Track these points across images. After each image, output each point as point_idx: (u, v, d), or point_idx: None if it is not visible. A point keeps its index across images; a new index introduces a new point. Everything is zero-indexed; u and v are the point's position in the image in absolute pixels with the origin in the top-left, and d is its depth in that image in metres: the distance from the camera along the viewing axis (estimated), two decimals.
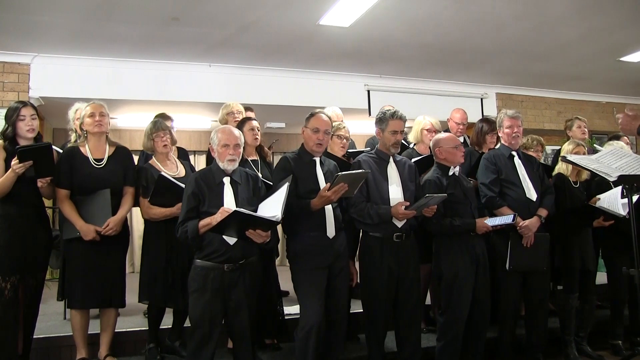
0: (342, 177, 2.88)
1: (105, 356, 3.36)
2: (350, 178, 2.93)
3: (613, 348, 4.04)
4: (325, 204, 3.03)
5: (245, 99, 5.81)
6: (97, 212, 3.26)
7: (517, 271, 3.58)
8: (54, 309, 4.32)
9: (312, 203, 2.99)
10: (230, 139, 2.98)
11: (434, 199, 3.17)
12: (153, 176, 3.41)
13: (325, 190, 2.91)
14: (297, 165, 3.15)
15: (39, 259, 3.28)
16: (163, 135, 3.58)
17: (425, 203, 3.16)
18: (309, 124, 3.20)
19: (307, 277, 3.05)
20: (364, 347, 3.51)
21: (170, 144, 3.63)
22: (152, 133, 3.58)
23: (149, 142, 3.59)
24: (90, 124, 3.35)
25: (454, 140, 3.58)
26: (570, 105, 8.43)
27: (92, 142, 3.39)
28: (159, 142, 3.56)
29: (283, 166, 3.16)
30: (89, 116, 3.35)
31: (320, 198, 2.96)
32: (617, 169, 3.13)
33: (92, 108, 3.37)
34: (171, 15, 4.93)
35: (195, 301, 2.88)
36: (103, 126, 3.37)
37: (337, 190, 2.89)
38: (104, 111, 3.41)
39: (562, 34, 5.74)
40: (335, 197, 2.93)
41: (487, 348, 3.68)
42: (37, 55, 5.80)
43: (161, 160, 3.58)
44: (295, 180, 3.06)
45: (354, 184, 3.00)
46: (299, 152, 3.26)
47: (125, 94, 6.20)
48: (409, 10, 5.00)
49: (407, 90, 7.30)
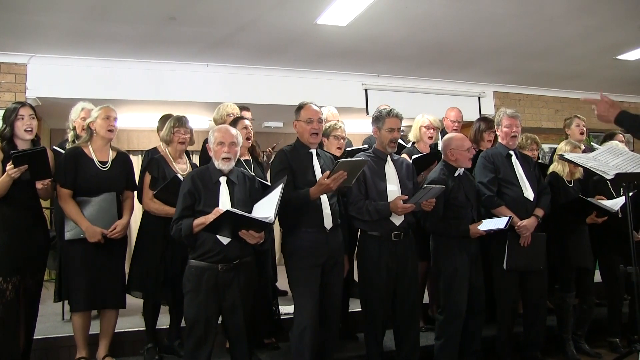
0: (342, 164, 2.88)
1: (104, 357, 3.36)
2: (349, 165, 2.94)
3: (610, 345, 4.05)
4: (323, 193, 3.02)
5: (242, 99, 5.81)
6: (102, 215, 3.27)
7: (514, 270, 3.59)
8: (51, 309, 4.32)
9: (311, 192, 2.98)
10: (226, 136, 2.98)
11: (433, 190, 3.17)
12: (164, 170, 3.45)
13: (325, 178, 2.90)
14: (293, 158, 3.15)
15: (37, 260, 3.27)
16: (184, 133, 3.60)
17: (423, 195, 3.16)
18: (301, 116, 3.20)
19: (301, 276, 3.06)
20: (362, 346, 3.51)
21: (188, 142, 3.66)
22: (175, 126, 3.60)
23: (169, 134, 3.60)
24: (104, 127, 3.37)
25: (467, 142, 3.60)
26: (568, 103, 8.43)
27: (98, 144, 3.40)
28: (178, 137, 3.59)
29: (280, 159, 3.15)
30: (104, 118, 3.37)
31: (319, 186, 2.95)
32: (615, 167, 3.12)
33: (107, 111, 3.40)
34: (168, 14, 4.92)
35: (190, 301, 2.88)
36: (113, 132, 3.42)
37: (336, 178, 2.88)
38: (116, 115, 3.45)
39: (559, 33, 5.75)
40: (335, 185, 2.91)
41: (485, 346, 3.69)
42: (34, 55, 5.78)
43: (174, 156, 3.61)
44: (292, 172, 3.06)
45: (352, 172, 3.00)
46: (295, 145, 3.25)
47: (122, 94, 6.18)
48: (406, 9, 4.99)
49: (404, 89, 7.30)
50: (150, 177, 3.50)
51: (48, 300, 4.32)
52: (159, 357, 3.52)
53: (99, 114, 3.39)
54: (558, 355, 3.90)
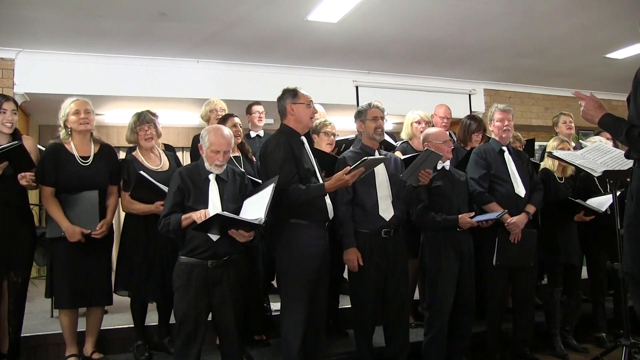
0: (367, 162, 2.87)
1: (92, 353, 3.36)
2: (371, 162, 2.95)
3: (597, 341, 4.09)
4: (340, 187, 2.97)
5: (233, 95, 5.81)
6: (84, 213, 3.23)
7: (504, 267, 3.61)
8: (41, 306, 4.30)
9: (327, 186, 2.91)
10: (222, 145, 2.91)
11: (431, 156, 3.17)
12: (135, 170, 3.37)
13: (344, 174, 2.85)
14: (294, 147, 3.05)
15: (22, 257, 3.24)
16: (147, 129, 3.50)
17: (420, 164, 3.16)
18: (300, 99, 3.11)
19: (294, 272, 3.00)
20: (352, 343, 3.52)
21: (156, 137, 3.58)
22: (136, 126, 3.51)
23: (133, 135, 3.53)
24: (75, 122, 3.29)
25: (443, 135, 3.60)
26: (557, 101, 8.49)
27: (77, 139, 3.34)
28: (142, 135, 3.51)
29: (285, 148, 2.99)
30: (73, 113, 3.30)
31: (337, 181, 2.87)
32: (602, 165, 3.16)
33: (77, 105, 3.31)
34: (158, 10, 4.90)
35: (179, 298, 2.87)
36: (89, 124, 3.32)
37: (355, 174, 2.87)
38: (89, 108, 3.35)
39: (549, 31, 5.79)
40: (352, 180, 2.90)
41: (475, 342, 3.71)
42: (21, 50, 5.73)
43: (144, 153, 3.54)
44: (296, 162, 3.00)
45: (368, 169, 3.02)
46: (287, 132, 3.12)
47: (112, 90, 6.16)
48: (397, 6, 5.01)
49: (395, 86, 7.33)
50: (122, 181, 3.44)
51: (38, 298, 4.30)
52: (148, 354, 3.51)
53: (69, 109, 3.31)
54: (546, 350, 3.93)
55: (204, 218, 2.69)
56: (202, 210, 2.76)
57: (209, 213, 2.73)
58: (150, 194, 3.28)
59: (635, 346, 3.17)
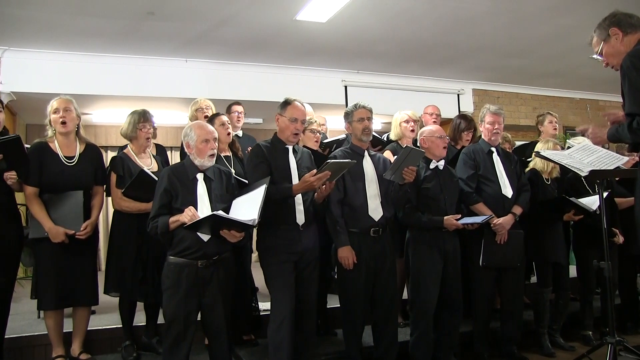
0: (330, 165, 2.89)
1: (79, 353, 3.33)
2: (336, 166, 2.96)
3: (584, 339, 4.13)
4: (306, 190, 3.03)
5: (222, 95, 5.78)
6: (68, 214, 3.19)
7: (490, 267, 3.63)
8: (27, 307, 4.25)
9: (294, 188, 2.99)
10: (209, 133, 2.96)
11: (412, 153, 3.18)
12: (129, 168, 3.36)
13: (310, 177, 2.90)
14: (270, 153, 3.14)
15: (9, 257, 3.20)
16: (149, 128, 3.53)
17: (402, 160, 3.17)
18: (287, 112, 3.17)
19: (276, 271, 3.06)
20: (341, 342, 3.53)
21: (152, 137, 3.59)
22: (139, 122, 3.49)
23: (134, 130, 3.50)
24: (55, 121, 3.26)
25: (439, 131, 3.62)
26: (545, 101, 8.56)
27: (61, 138, 3.31)
28: (144, 133, 3.50)
29: (257, 153, 3.14)
30: (53, 112, 3.27)
31: (303, 183, 2.94)
32: (589, 164, 3.18)
33: (58, 103, 3.28)
34: (146, 9, 4.87)
35: (169, 298, 2.86)
36: (67, 124, 3.27)
37: (321, 177, 2.90)
38: (70, 106, 3.31)
39: (537, 31, 5.83)
40: (318, 183, 2.93)
41: (463, 341, 3.73)
42: (7, 49, 5.67)
43: (138, 151, 3.53)
44: (269, 167, 3.07)
45: (337, 172, 3.02)
46: (272, 140, 3.24)
47: (100, 90, 6.12)
48: (385, 6, 5.02)
49: (384, 85, 7.35)
50: (116, 176, 3.41)
51: (24, 298, 4.26)
52: (136, 354, 3.49)
53: (50, 107, 3.27)
54: (534, 349, 3.96)
55: (195, 218, 2.68)
56: (190, 210, 2.74)
57: (197, 212, 2.72)
58: (147, 192, 3.24)
59: (621, 344, 3.20)
